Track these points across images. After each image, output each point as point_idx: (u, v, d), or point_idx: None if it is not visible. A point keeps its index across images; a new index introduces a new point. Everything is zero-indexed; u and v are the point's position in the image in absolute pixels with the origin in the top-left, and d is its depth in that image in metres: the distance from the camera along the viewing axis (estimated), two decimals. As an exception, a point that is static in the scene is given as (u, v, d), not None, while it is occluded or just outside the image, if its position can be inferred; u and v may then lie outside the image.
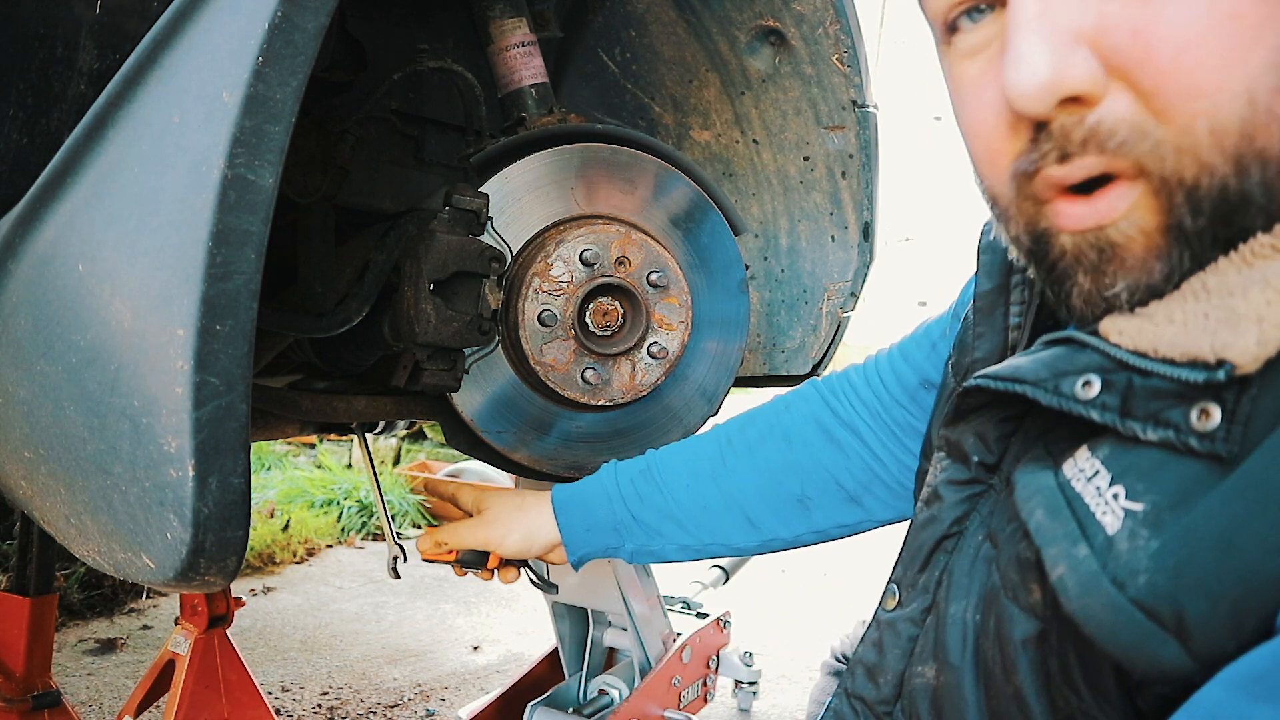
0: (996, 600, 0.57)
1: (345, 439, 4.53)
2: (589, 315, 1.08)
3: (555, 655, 1.89)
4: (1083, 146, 0.49)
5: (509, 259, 1.06)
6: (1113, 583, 0.46)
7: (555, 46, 1.43)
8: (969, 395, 0.63)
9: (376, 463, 2.47)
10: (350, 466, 4.45)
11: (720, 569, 2.50)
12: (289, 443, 4.84)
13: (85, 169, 0.68)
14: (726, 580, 2.51)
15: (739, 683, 2.36)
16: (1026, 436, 0.61)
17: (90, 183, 0.67)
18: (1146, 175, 0.48)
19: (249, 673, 1.63)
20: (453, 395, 1.07)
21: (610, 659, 1.85)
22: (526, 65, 1.17)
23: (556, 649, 1.87)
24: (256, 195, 0.59)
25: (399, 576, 1.25)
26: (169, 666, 1.58)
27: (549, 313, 1.04)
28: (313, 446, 4.85)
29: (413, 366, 1.11)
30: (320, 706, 2.30)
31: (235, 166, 0.58)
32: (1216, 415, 0.45)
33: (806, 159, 1.41)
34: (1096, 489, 0.50)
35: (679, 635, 1.84)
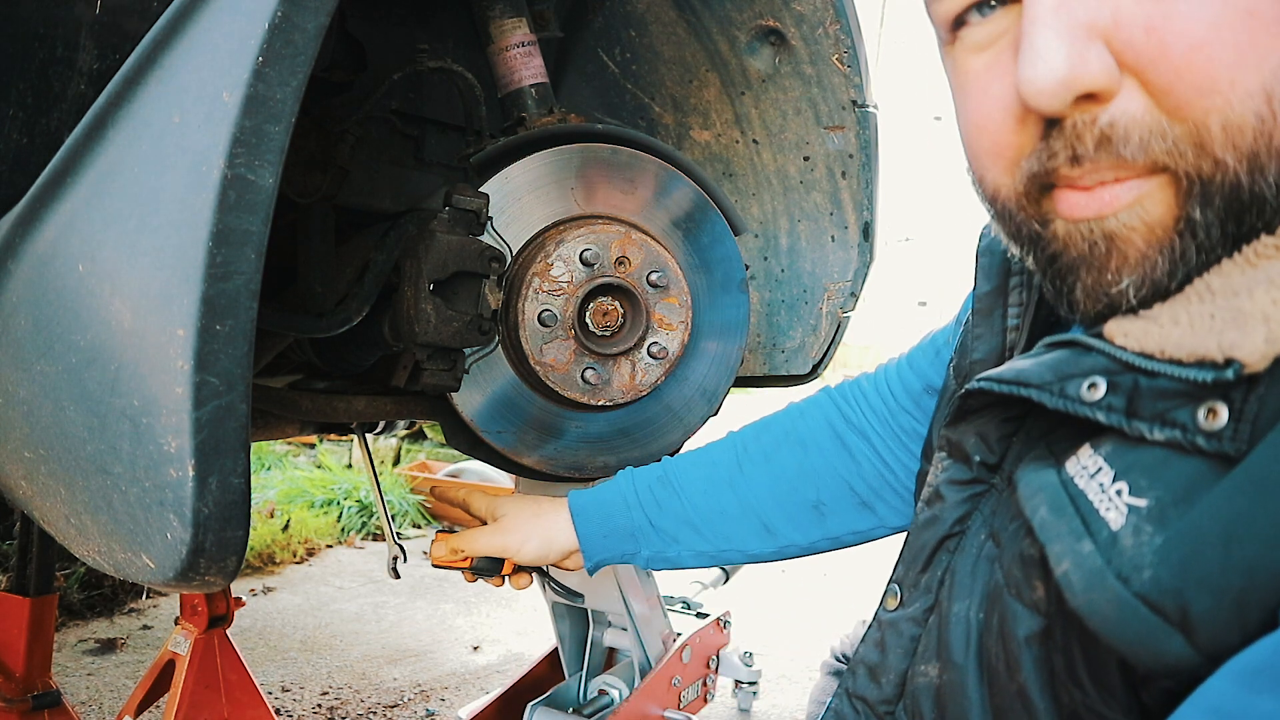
0: (1000, 598, 0.57)
1: (345, 439, 4.53)
2: (589, 315, 1.08)
3: (555, 655, 1.89)
4: (1096, 150, 0.48)
5: (509, 259, 1.06)
6: (1117, 578, 0.46)
7: (555, 46, 1.43)
8: (971, 397, 0.63)
9: (376, 463, 2.47)
10: (350, 466, 4.44)
11: (720, 569, 2.50)
12: (289, 443, 4.84)
13: (85, 169, 0.68)
14: (726, 580, 2.51)
15: (739, 683, 2.36)
16: (1028, 436, 0.61)
17: (90, 183, 0.67)
18: (1165, 171, 0.48)
19: (249, 673, 1.63)
20: (453, 395, 1.07)
21: (610, 659, 1.85)
22: (526, 65, 1.17)
23: (556, 649, 1.87)
24: (256, 195, 0.59)
25: (399, 576, 1.25)
26: (169, 666, 1.58)
27: (549, 313, 1.04)
28: (313, 446, 4.85)
29: (413, 366, 1.11)
30: (320, 706, 2.30)
31: (235, 166, 0.58)
32: (1224, 414, 0.45)
33: (806, 159, 1.41)
34: (1100, 486, 0.50)
35: (679, 635, 1.84)
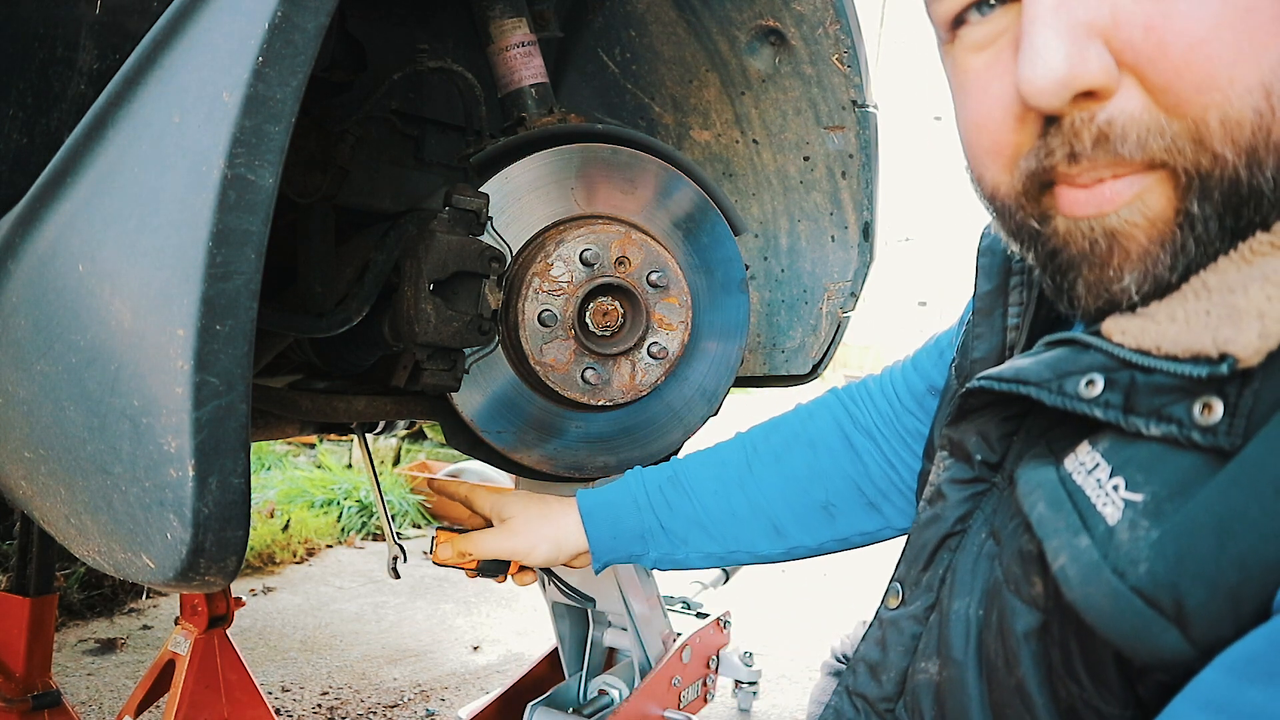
0: (999, 594, 0.57)
1: (345, 439, 4.53)
2: (589, 315, 1.08)
3: (555, 655, 1.89)
4: (1093, 147, 0.49)
5: (509, 259, 1.06)
6: (1114, 572, 0.47)
7: (555, 46, 1.43)
8: (972, 395, 0.63)
9: (376, 463, 2.47)
10: (350, 466, 4.44)
11: (721, 569, 2.50)
12: (289, 443, 4.84)
13: (85, 169, 0.68)
14: (726, 580, 2.51)
15: (739, 683, 2.36)
16: (1029, 435, 0.61)
17: (90, 183, 0.67)
18: (1164, 167, 0.49)
19: (249, 673, 1.63)
20: (453, 395, 1.07)
21: (610, 659, 1.85)
22: (526, 65, 1.17)
23: (556, 649, 1.87)
24: (256, 195, 0.59)
25: (399, 576, 1.25)
26: (169, 666, 1.58)
27: (549, 313, 1.04)
28: (313, 446, 4.85)
29: (413, 366, 1.11)
30: (320, 706, 2.30)
31: (235, 166, 0.58)
32: (1219, 409, 0.46)
33: (806, 159, 1.41)
34: (1097, 481, 0.50)
35: (679, 635, 1.84)
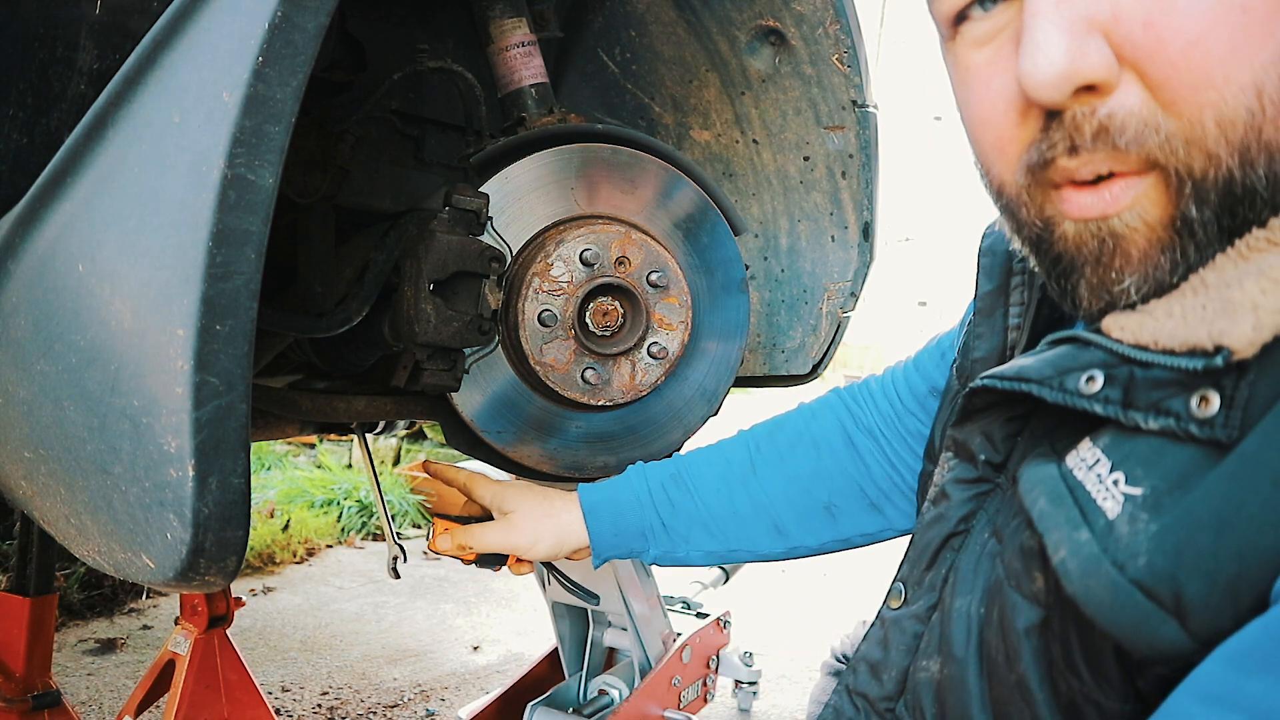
0: (1000, 591, 0.58)
1: (345, 439, 4.53)
2: (589, 315, 1.08)
3: (555, 655, 1.89)
4: (1093, 140, 0.49)
5: (509, 259, 1.06)
6: (1113, 564, 0.47)
7: (555, 46, 1.43)
8: (975, 395, 0.64)
9: (376, 463, 2.47)
10: (350, 466, 4.44)
11: (720, 569, 2.50)
12: (289, 443, 4.83)
13: (85, 169, 0.68)
14: (726, 580, 2.51)
15: (739, 683, 2.36)
16: (1032, 435, 0.62)
17: (90, 183, 0.67)
18: (1157, 168, 0.49)
19: (249, 673, 1.64)
20: (453, 395, 1.07)
21: (610, 659, 1.85)
22: (526, 65, 1.17)
23: (556, 649, 1.87)
24: (256, 195, 0.59)
25: (399, 576, 1.25)
26: (169, 666, 1.59)
27: (549, 313, 1.04)
28: (313, 446, 4.85)
29: (413, 366, 1.11)
30: (320, 706, 2.30)
31: (235, 166, 0.58)
32: (1215, 402, 0.46)
33: (806, 159, 1.41)
34: (1098, 476, 0.51)
35: (679, 635, 1.84)
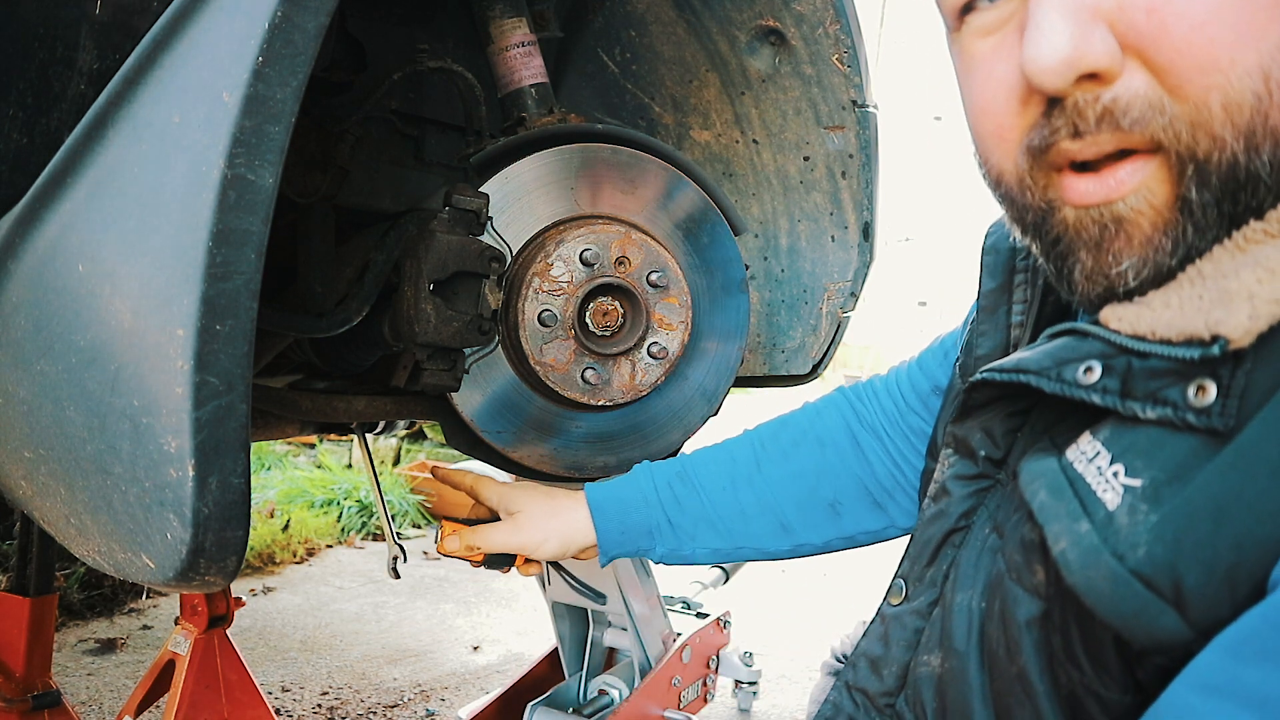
0: (1001, 584, 0.58)
1: (345, 439, 4.53)
2: (589, 315, 1.08)
3: (555, 655, 1.89)
4: (1097, 124, 0.50)
5: (509, 259, 1.06)
6: (1113, 555, 0.47)
7: (555, 46, 1.43)
8: (976, 390, 0.64)
9: (376, 463, 2.47)
10: (350, 466, 4.44)
11: (720, 569, 2.50)
12: (289, 443, 4.83)
13: (85, 169, 0.68)
14: (726, 580, 2.51)
15: (739, 683, 2.36)
16: (1033, 430, 0.62)
17: (90, 183, 0.67)
18: (1161, 150, 0.49)
19: (249, 673, 1.63)
20: (453, 395, 1.07)
21: (610, 659, 1.85)
22: (526, 65, 1.17)
23: (556, 649, 1.87)
24: (256, 195, 0.59)
25: (399, 576, 1.25)
26: (169, 666, 1.58)
27: (549, 313, 1.04)
28: (313, 446, 4.85)
29: (413, 366, 1.11)
30: (320, 706, 2.30)
31: (235, 166, 0.58)
32: (1212, 391, 0.46)
33: (806, 159, 1.41)
34: (1097, 469, 0.51)
35: (679, 635, 1.84)
